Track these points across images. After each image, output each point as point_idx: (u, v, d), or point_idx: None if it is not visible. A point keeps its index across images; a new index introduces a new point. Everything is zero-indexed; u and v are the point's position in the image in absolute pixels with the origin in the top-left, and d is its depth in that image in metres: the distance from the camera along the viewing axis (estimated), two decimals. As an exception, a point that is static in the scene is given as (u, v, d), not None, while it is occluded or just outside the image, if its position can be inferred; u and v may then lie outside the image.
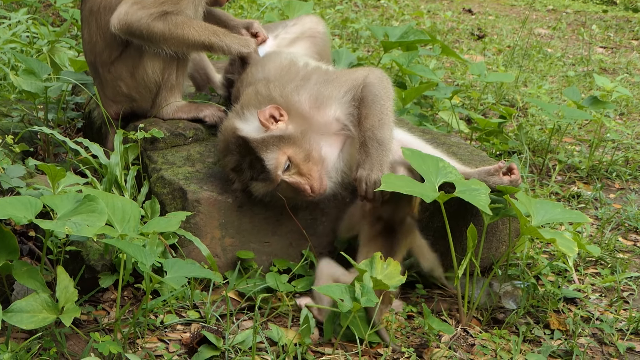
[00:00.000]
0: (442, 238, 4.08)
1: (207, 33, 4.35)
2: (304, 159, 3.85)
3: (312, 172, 3.86)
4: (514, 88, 8.03)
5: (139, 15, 4.23)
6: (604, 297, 4.32)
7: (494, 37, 11.06)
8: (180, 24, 4.28)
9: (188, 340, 3.50)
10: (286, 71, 4.20)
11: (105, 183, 4.07)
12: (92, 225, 3.07)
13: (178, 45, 4.35)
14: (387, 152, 3.87)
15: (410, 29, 7.12)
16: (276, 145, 3.82)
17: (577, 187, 5.84)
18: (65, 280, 3.24)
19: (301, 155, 3.85)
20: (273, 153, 3.82)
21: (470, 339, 3.80)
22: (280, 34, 4.88)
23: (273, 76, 4.16)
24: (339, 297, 3.42)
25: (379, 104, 3.93)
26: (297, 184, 3.85)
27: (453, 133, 6.06)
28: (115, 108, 4.59)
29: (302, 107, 3.93)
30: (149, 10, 4.24)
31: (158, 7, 4.25)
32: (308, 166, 3.86)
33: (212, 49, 4.42)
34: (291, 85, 4.01)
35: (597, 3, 16.25)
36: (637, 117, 7.77)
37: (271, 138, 3.82)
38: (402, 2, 13.06)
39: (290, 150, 3.84)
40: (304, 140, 3.87)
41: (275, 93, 3.97)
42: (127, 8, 4.25)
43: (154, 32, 4.26)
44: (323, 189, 3.89)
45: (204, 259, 3.82)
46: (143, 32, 4.27)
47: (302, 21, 5.01)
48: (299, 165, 3.85)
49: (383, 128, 3.88)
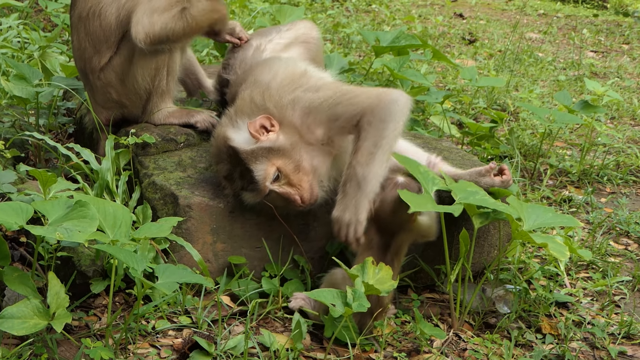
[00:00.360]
0: (433, 243, 4.08)
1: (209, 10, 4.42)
2: (294, 170, 3.85)
3: (302, 182, 3.86)
4: (505, 92, 8.04)
5: (163, 21, 4.22)
6: (595, 301, 4.32)
7: (485, 41, 11.07)
8: (195, 16, 4.33)
9: (180, 345, 3.50)
10: (289, 80, 4.10)
11: (96, 189, 4.06)
12: (83, 231, 3.07)
13: (192, 36, 4.46)
14: (365, 194, 3.74)
15: (401, 33, 7.11)
16: (265, 156, 3.82)
17: (569, 191, 5.85)
18: (56, 286, 3.23)
19: (291, 166, 3.85)
20: (262, 164, 3.82)
21: (462, 344, 3.81)
22: (275, 38, 4.87)
23: (276, 83, 4.09)
24: (331, 302, 3.41)
25: (373, 135, 3.76)
26: (287, 194, 3.85)
27: (444, 137, 6.07)
28: (106, 114, 4.58)
29: (294, 121, 3.92)
30: (170, 13, 4.24)
31: (175, 7, 4.27)
32: (298, 176, 3.86)
33: (215, 25, 4.53)
34: (289, 98, 3.95)
35: (587, 7, 16.28)
36: (628, 121, 7.79)
37: (260, 149, 3.82)
38: (394, 6, 13.07)
39: (279, 161, 3.83)
40: (293, 151, 3.86)
41: (270, 104, 3.94)
42: (148, 19, 4.22)
43: (178, 32, 4.29)
44: (314, 198, 3.89)
45: (195, 264, 3.82)
46: (169, 36, 4.29)
47: (296, 26, 5.00)
48: (289, 175, 3.85)
49: (370, 165, 3.73)
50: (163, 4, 4.25)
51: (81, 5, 4.41)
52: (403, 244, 3.81)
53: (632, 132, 7.30)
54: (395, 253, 3.78)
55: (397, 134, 3.83)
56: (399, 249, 3.79)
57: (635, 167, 6.39)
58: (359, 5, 12.67)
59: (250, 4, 10.32)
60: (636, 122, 7.77)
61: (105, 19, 4.34)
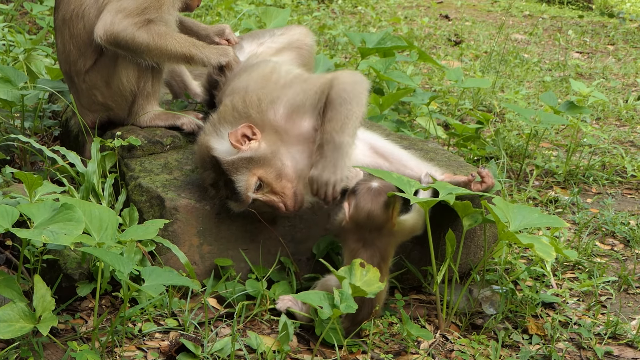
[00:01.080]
0: (420, 244, 4.08)
1: (187, 45, 4.34)
2: (276, 178, 3.86)
3: (285, 189, 3.87)
4: (491, 94, 8.06)
5: (124, 24, 4.21)
6: (581, 302, 4.33)
7: (471, 42, 11.10)
8: (163, 35, 4.26)
9: (166, 348, 3.49)
10: (267, 81, 4.17)
11: (82, 191, 4.05)
12: (69, 234, 3.06)
13: (160, 57, 4.34)
14: (343, 155, 3.86)
15: (387, 35, 7.13)
16: (246, 166, 3.84)
17: (555, 192, 5.86)
18: (42, 289, 3.22)
19: (273, 174, 3.86)
20: (243, 175, 3.84)
21: (449, 345, 3.81)
22: (267, 42, 4.87)
23: (253, 86, 4.14)
24: (318, 304, 3.41)
25: (344, 108, 3.89)
26: (270, 202, 3.87)
27: (431, 139, 6.07)
28: (92, 117, 4.57)
29: (277, 123, 3.94)
30: (133, 19, 4.22)
31: (141, 15, 4.23)
32: (281, 184, 3.87)
33: (193, 61, 4.41)
34: (268, 99, 3.98)
35: (573, 8, 16.33)
36: (614, 121, 7.82)
37: (241, 160, 3.83)
38: (380, 8, 13.09)
39: (260, 170, 3.84)
40: (275, 158, 3.88)
41: (251, 110, 3.95)
42: (111, 17, 4.22)
43: (139, 42, 4.24)
44: (298, 205, 3.90)
45: (182, 267, 3.81)
46: (128, 43, 4.25)
47: (291, 32, 4.99)
48: (271, 184, 3.85)
49: (343, 133, 3.86)
50: (131, 6, 4.24)
51: (65, 8, 4.40)
52: (388, 247, 3.81)
53: (617, 133, 7.32)
54: (381, 258, 3.78)
55: (363, 109, 3.98)
56: (384, 252, 3.79)
57: (620, 167, 6.41)
58: (345, 7, 12.68)
59: (237, 6, 10.32)
60: (622, 123, 7.80)
61: (89, 21, 4.33)
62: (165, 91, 5.03)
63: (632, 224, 5.33)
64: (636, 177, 6.25)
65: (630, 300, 4.43)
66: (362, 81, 4.04)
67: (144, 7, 4.24)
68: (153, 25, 4.25)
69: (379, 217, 3.74)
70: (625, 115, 8.00)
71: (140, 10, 4.23)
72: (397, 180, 3.81)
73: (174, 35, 4.31)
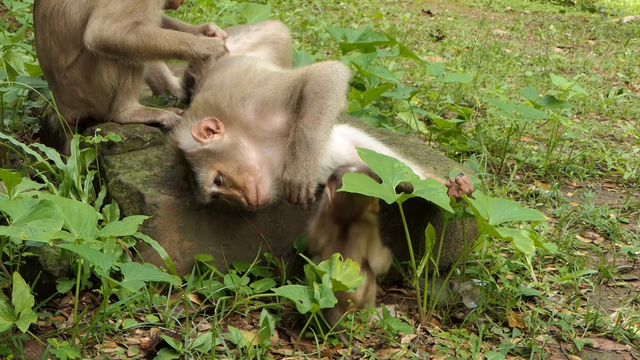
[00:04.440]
0: (401, 239, 4.09)
1: (176, 41, 4.35)
2: (237, 171, 3.83)
3: (246, 184, 3.84)
4: (472, 88, 8.08)
5: (113, 29, 4.21)
6: (561, 295, 4.35)
7: (452, 38, 11.12)
8: (152, 35, 4.27)
9: (147, 344, 3.49)
10: (242, 77, 4.14)
11: (62, 188, 4.04)
12: (48, 231, 3.06)
13: (151, 57, 4.37)
14: (315, 154, 3.82)
15: (368, 30, 7.14)
16: (206, 159, 3.85)
17: (535, 186, 5.88)
18: (21, 286, 3.21)
19: (233, 167, 3.83)
20: (203, 168, 3.85)
21: (430, 339, 3.82)
22: (242, 38, 4.86)
23: (228, 82, 4.12)
24: (298, 299, 3.42)
25: (317, 103, 3.86)
26: (231, 197, 3.86)
27: (412, 134, 6.08)
28: (72, 113, 4.56)
29: (247, 118, 3.92)
30: (121, 23, 4.22)
31: (128, 19, 4.23)
32: (242, 177, 3.84)
33: (183, 57, 4.43)
34: (239, 94, 3.97)
35: (554, 4, 16.39)
36: (594, 116, 7.85)
37: (202, 152, 3.84)
38: (362, 4, 13.09)
39: (220, 164, 3.83)
40: (237, 152, 3.86)
41: (223, 103, 3.95)
42: (99, 24, 4.22)
43: (128, 45, 4.25)
44: (261, 199, 3.87)
45: (162, 263, 3.81)
46: (118, 47, 4.26)
47: (266, 27, 4.99)
48: (232, 178, 3.83)
49: (317, 129, 3.83)
50: (117, 10, 4.24)
51: (45, 5, 4.39)
52: (360, 234, 3.83)
53: (598, 127, 7.35)
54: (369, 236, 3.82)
55: (340, 102, 3.94)
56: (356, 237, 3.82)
57: (601, 161, 6.44)
58: (327, 3, 12.68)
59: (218, 2, 10.30)
60: (602, 117, 7.83)
61: (70, 17, 4.32)
62: (145, 87, 5.02)
63: (612, 217, 5.35)
64: (616, 170, 6.28)
65: (610, 293, 4.45)
66: (339, 72, 3.99)
67: (130, 10, 4.24)
68: (141, 27, 4.26)
69: (361, 200, 3.74)
70: (605, 109, 8.04)
71: (127, 13, 4.23)
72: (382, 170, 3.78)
73: (162, 34, 4.32)
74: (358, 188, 3.59)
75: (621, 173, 6.21)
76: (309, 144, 3.81)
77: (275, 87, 3.98)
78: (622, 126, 7.48)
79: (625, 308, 4.24)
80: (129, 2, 4.23)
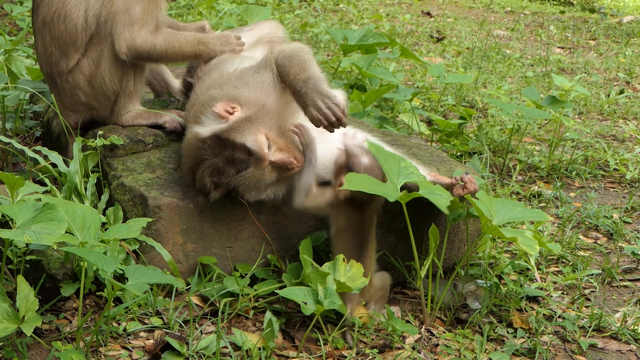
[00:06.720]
0: (404, 239, 4.09)
1: (195, 42, 4.41)
2: (278, 134, 3.84)
3: (289, 144, 3.84)
4: (473, 89, 8.07)
5: (143, 36, 4.22)
6: (565, 295, 4.35)
7: (453, 39, 11.11)
8: (173, 36, 4.33)
9: (151, 347, 3.48)
10: (227, 76, 4.14)
11: (64, 191, 4.04)
12: (51, 234, 3.05)
13: (174, 59, 4.43)
14: (319, 81, 3.85)
15: (369, 32, 7.14)
16: (247, 128, 3.78)
17: (538, 186, 5.88)
18: (25, 289, 3.21)
19: (274, 130, 3.83)
20: (250, 135, 3.76)
21: (434, 339, 3.82)
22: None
23: (214, 83, 4.14)
24: (302, 300, 3.41)
25: (296, 60, 3.91)
26: (282, 160, 3.78)
27: (414, 135, 6.08)
28: (74, 117, 4.55)
29: (250, 97, 3.91)
30: (147, 28, 4.24)
31: (151, 21, 4.25)
32: (284, 139, 3.84)
33: (201, 58, 4.45)
34: (236, 83, 4.00)
35: (554, 4, 16.37)
36: (596, 116, 7.84)
37: (238, 122, 3.79)
38: (361, 5, 13.08)
39: (263, 128, 3.80)
40: (268, 116, 3.85)
41: (216, 94, 3.96)
42: (129, 32, 4.23)
43: (158, 49, 4.28)
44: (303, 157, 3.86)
45: (166, 265, 3.81)
46: (150, 52, 4.29)
47: (260, 26, 4.99)
48: (276, 141, 3.81)
49: (307, 70, 3.86)
50: (139, 14, 4.24)
51: (45, 10, 4.37)
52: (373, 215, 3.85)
53: (599, 127, 7.35)
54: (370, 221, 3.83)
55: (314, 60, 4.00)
56: (372, 220, 3.82)
57: (603, 161, 6.44)
58: (327, 4, 12.68)
59: (218, 4, 10.30)
60: (604, 117, 7.82)
61: (71, 21, 4.31)
62: (147, 90, 5.02)
63: (615, 217, 5.35)
64: (619, 170, 6.27)
65: (614, 292, 4.44)
66: (302, 46, 4.07)
67: (149, 11, 4.25)
68: (162, 29, 4.30)
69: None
70: (607, 109, 8.03)
71: (148, 15, 4.25)
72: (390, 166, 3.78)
73: (178, 35, 4.37)
74: (360, 186, 3.59)
75: (623, 173, 6.21)
76: (307, 79, 3.84)
77: (253, 74, 4.02)
78: (623, 126, 7.48)
79: (629, 308, 4.24)
80: (144, 4, 4.24)
